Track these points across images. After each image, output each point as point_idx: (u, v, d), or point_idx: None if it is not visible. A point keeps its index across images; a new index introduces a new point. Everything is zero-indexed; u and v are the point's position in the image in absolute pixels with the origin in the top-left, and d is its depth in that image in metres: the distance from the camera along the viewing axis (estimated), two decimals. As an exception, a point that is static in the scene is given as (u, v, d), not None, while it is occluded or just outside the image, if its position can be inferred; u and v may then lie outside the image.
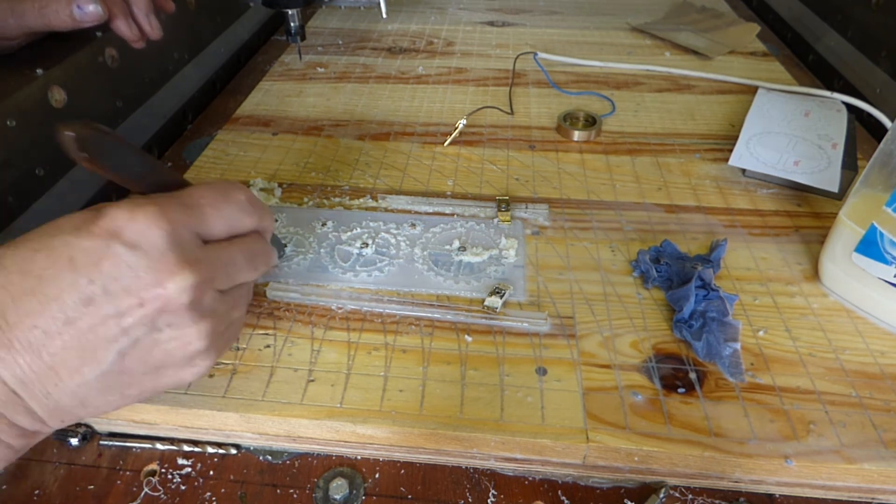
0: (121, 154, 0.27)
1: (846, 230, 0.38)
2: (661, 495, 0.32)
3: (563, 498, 0.32)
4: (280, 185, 0.50)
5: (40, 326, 0.25)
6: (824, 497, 0.32)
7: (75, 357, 0.25)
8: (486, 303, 0.38)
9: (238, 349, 0.36)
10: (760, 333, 0.37)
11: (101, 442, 0.34)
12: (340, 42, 0.78)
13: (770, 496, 0.32)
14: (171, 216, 0.27)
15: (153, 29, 0.48)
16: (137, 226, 0.26)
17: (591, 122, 0.58)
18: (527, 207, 0.47)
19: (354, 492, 0.32)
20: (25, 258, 0.25)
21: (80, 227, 0.26)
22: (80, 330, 0.25)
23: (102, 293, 0.25)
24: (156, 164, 0.30)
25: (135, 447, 0.34)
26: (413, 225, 0.45)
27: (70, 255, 0.25)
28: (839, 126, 0.53)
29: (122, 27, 0.45)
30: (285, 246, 0.43)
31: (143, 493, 0.32)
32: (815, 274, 0.42)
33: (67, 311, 0.25)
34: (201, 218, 0.28)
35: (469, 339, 0.37)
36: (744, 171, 0.51)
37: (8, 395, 0.25)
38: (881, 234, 0.36)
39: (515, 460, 0.32)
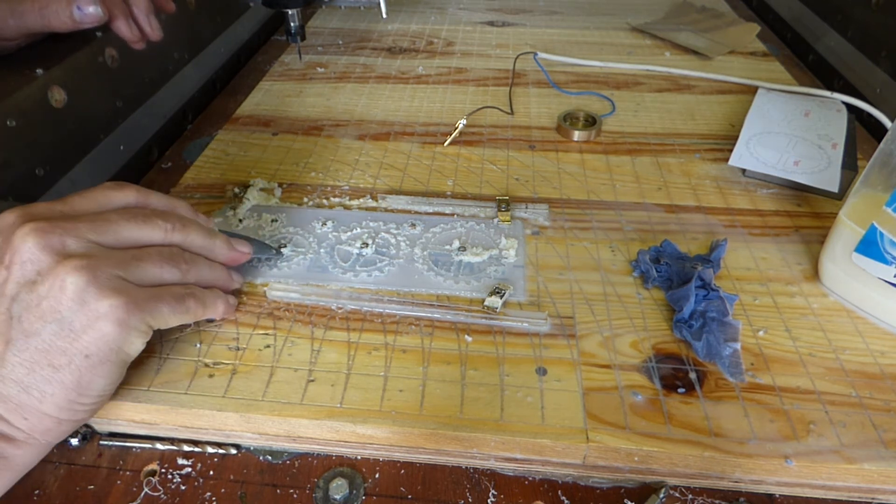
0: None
1: (846, 230, 0.38)
2: (661, 495, 0.32)
3: (563, 498, 0.32)
4: (280, 185, 0.50)
5: None
6: (824, 497, 0.32)
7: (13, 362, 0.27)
8: (486, 303, 0.38)
9: (238, 349, 0.36)
10: (760, 333, 0.37)
11: (101, 442, 0.34)
12: (340, 42, 0.78)
13: (770, 496, 0.32)
14: (29, 206, 0.30)
15: (153, 30, 0.48)
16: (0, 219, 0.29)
17: (591, 122, 0.58)
18: (527, 207, 0.47)
19: (354, 492, 0.32)
20: None
21: None
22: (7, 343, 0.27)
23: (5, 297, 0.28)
24: None
25: (135, 447, 0.34)
26: (413, 225, 0.45)
27: None
28: (839, 126, 0.53)
29: (123, 28, 0.45)
30: (283, 247, 0.43)
31: (143, 493, 0.32)
32: (815, 274, 0.42)
33: None
34: (62, 202, 0.31)
35: (469, 339, 0.37)
36: (744, 171, 0.51)
37: None
38: (881, 234, 0.36)
39: (515, 460, 0.32)
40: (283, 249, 0.42)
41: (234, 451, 0.34)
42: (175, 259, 0.32)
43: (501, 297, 0.38)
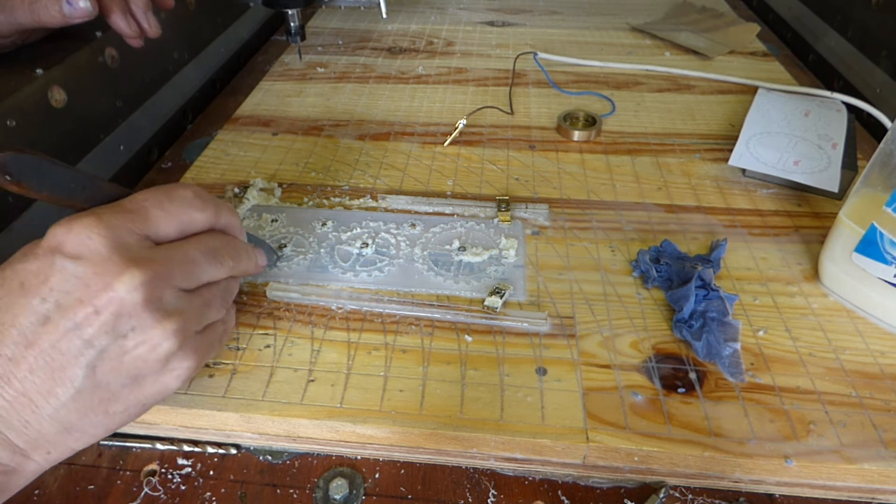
0: (50, 174, 0.27)
1: (846, 230, 0.38)
2: (661, 495, 0.32)
3: (563, 498, 0.32)
4: (280, 185, 0.50)
5: (3, 354, 0.25)
6: (824, 497, 0.32)
7: (45, 379, 0.25)
8: (486, 303, 0.38)
9: (238, 349, 0.36)
10: (760, 333, 0.37)
11: (102, 442, 0.34)
12: (340, 42, 0.78)
13: (770, 496, 0.32)
14: (110, 221, 0.26)
15: (151, 26, 0.48)
16: (76, 237, 0.26)
17: (591, 122, 0.58)
18: (527, 207, 0.47)
19: (354, 492, 0.32)
20: None
21: (25, 254, 0.26)
22: (42, 350, 0.25)
23: (56, 309, 0.25)
24: (92, 180, 0.29)
25: (135, 447, 0.34)
26: (413, 225, 0.45)
27: (20, 281, 0.25)
28: (839, 126, 0.53)
29: (120, 23, 0.45)
30: (283, 247, 0.43)
31: (143, 493, 0.32)
32: (815, 274, 0.42)
33: (27, 334, 0.25)
34: (145, 219, 0.28)
35: (469, 339, 0.37)
36: (744, 171, 0.51)
37: None
38: (881, 234, 0.36)
39: (515, 460, 0.32)
40: (283, 249, 0.42)
41: (234, 451, 0.34)
42: (226, 299, 0.32)
43: (501, 297, 0.38)
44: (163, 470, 0.33)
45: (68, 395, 0.26)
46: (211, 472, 0.33)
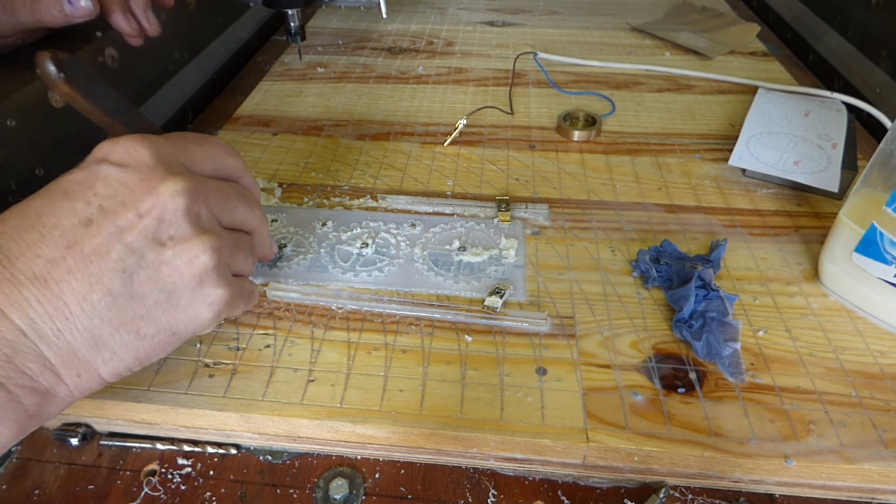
0: (98, 87, 0.28)
1: (846, 230, 0.38)
2: (661, 495, 0.32)
3: (563, 498, 0.32)
4: (280, 185, 0.50)
5: (43, 255, 0.25)
6: (824, 497, 0.32)
7: (82, 282, 0.25)
8: (486, 303, 0.38)
9: (238, 349, 0.36)
10: (760, 333, 0.37)
11: (101, 442, 0.34)
12: (340, 42, 0.78)
13: (770, 496, 0.32)
14: (155, 141, 0.28)
15: (151, 25, 0.48)
16: (122, 147, 0.27)
17: (591, 122, 0.58)
18: (527, 207, 0.47)
19: (354, 492, 0.32)
20: (21, 206, 0.26)
21: (70, 171, 0.27)
22: (83, 253, 0.25)
23: (100, 212, 0.25)
24: (132, 107, 0.30)
25: (135, 447, 0.34)
26: (413, 225, 0.45)
27: (64, 189, 0.26)
28: (839, 126, 0.53)
29: (121, 22, 0.45)
30: (284, 247, 0.43)
31: (143, 493, 0.32)
32: (815, 274, 0.42)
33: (68, 235, 0.25)
34: (185, 150, 0.29)
35: (469, 339, 0.37)
36: (744, 171, 0.51)
37: (16, 335, 0.24)
38: (881, 234, 0.36)
39: (515, 460, 0.32)
40: (283, 249, 0.42)
41: (234, 451, 0.34)
42: (253, 256, 0.32)
43: (501, 297, 0.38)
44: (163, 470, 0.33)
45: (103, 303, 0.25)
46: (211, 472, 0.33)
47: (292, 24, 0.64)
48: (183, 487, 0.32)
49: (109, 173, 0.26)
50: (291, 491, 0.32)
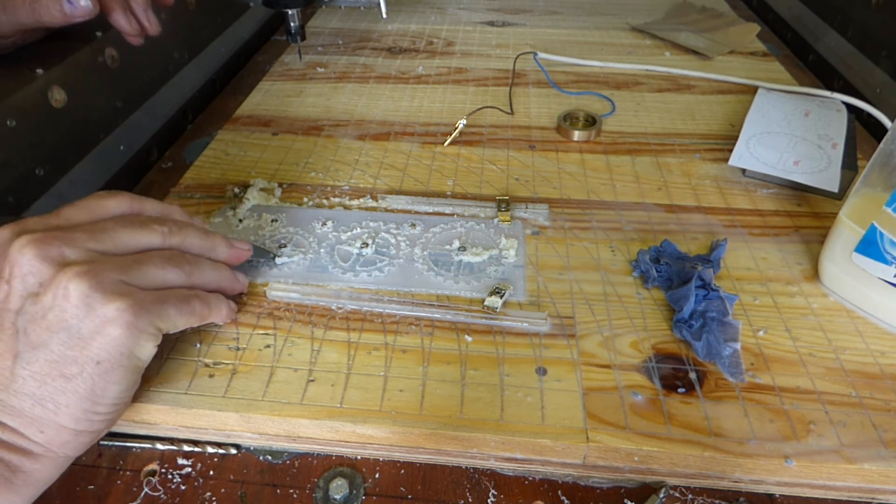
0: None
1: (846, 230, 0.38)
2: (661, 495, 0.32)
3: (563, 498, 0.32)
4: (280, 185, 0.50)
5: None
6: (824, 497, 0.32)
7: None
8: (486, 303, 0.38)
9: (238, 349, 0.36)
10: (760, 333, 0.37)
11: (101, 442, 0.34)
12: (340, 42, 0.78)
13: (770, 496, 0.32)
14: (19, 221, 0.29)
15: (151, 24, 0.48)
16: None
17: (591, 122, 0.58)
18: (527, 207, 0.47)
19: (354, 492, 0.32)
20: None
21: None
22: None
23: None
24: None
25: (135, 447, 0.34)
26: (413, 225, 0.45)
27: None
28: (839, 126, 0.53)
29: (121, 21, 0.45)
30: (284, 247, 0.43)
31: (143, 493, 0.32)
32: (815, 274, 0.42)
33: None
34: (56, 215, 0.30)
35: (469, 339, 0.37)
36: (744, 171, 0.51)
37: None
38: (881, 234, 0.36)
39: (515, 460, 0.32)
40: (283, 249, 0.42)
41: (234, 451, 0.34)
42: (177, 260, 0.32)
43: (501, 297, 0.38)
44: (163, 470, 0.33)
45: (17, 365, 0.27)
46: (211, 472, 0.33)
47: (292, 24, 0.64)
48: (183, 487, 0.32)
49: None
50: (291, 491, 0.32)
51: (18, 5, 0.42)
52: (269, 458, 0.33)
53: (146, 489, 0.32)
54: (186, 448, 0.34)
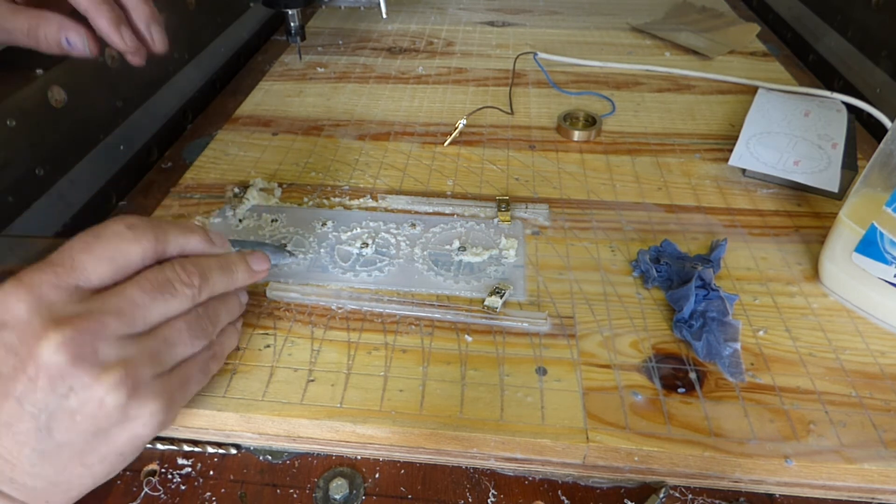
0: None
1: (846, 230, 0.38)
2: (661, 495, 0.32)
3: (563, 498, 0.32)
4: (280, 185, 0.50)
5: None
6: (824, 497, 0.32)
7: (11, 443, 0.25)
8: (486, 303, 0.38)
9: (238, 349, 0.36)
10: (760, 333, 0.37)
11: (101, 442, 0.34)
12: (340, 42, 0.78)
13: (770, 496, 0.32)
14: (31, 281, 0.26)
15: (157, 42, 0.43)
16: (1, 305, 0.25)
17: (591, 122, 0.58)
18: (527, 207, 0.47)
19: (354, 492, 0.32)
20: None
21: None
22: (0, 420, 0.25)
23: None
24: (19, 241, 0.28)
25: (135, 447, 0.34)
26: (413, 225, 0.45)
27: None
28: (839, 126, 0.53)
29: (113, 37, 0.41)
30: (283, 247, 0.43)
31: (143, 493, 0.32)
32: (815, 274, 0.42)
33: None
34: (72, 268, 0.27)
35: (469, 339, 0.37)
36: (744, 171, 0.51)
37: None
38: (881, 234, 0.36)
39: (515, 460, 0.32)
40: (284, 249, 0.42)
41: (234, 451, 0.34)
42: (203, 328, 0.31)
43: (501, 297, 0.38)
44: (163, 470, 0.33)
45: (35, 457, 0.25)
46: (211, 472, 0.33)
47: (292, 24, 0.64)
48: (183, 487, 0.32)
49: None
50: (291, 491, 0.32)
51: (17, 28, 0.40)
52: (269, 458, 0.33)
53: (146, 489, 0.32)
54: (186, 448, 0.34)
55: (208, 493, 0.32)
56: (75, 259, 0.27)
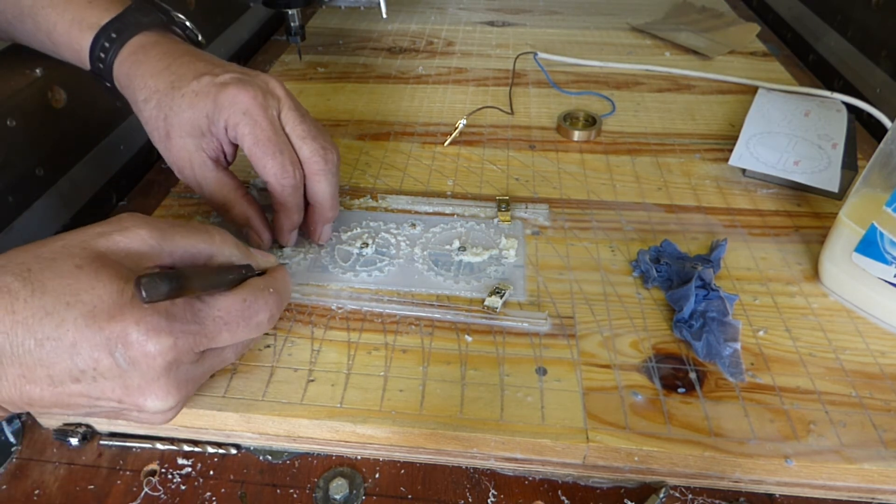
0: (175, 280, 0.26)
1: (846, 230, 0.38)
2: (661, 495, 0.32)
3: (563, 498, 0.32)
4: (280, 185, 0.50)
5: (27, 377, 0.26)
6: (824, 497, 0.32)
7: (48, 400, 0.26)
8: (486, 303, 0.38)
9: (238, 349, 0.36)
10: (760, 333, 0.37)
11: (101, 442, 0.34)
12: (340, 42, 0.78)
13: (770, 496, 0.32)
14: (177, 341, 0.27)
15: (322, 238, 0.42)
16: (145, 348, 0.26)
17: (591, 122, 0.58)
18: (527, 207, 0.47)
19: (354, 492, 0.32)
20: (36, 315, 0.25)
21: (95, 314, 0.26)
22: (58, 393, 0.26)
23: (92, 379, 0.26)
24: (207, 272, 0.30)
25: (135, 447, 0.34)
26: (413, 225, 0.45)
27: (74, 340, 0.26)
28: (839, 126, 0.53)
29: (283, 239, 0.41)
30: (283, 247, 0.43)
31: (143, 493, 0.32)
32: (815, 274, 0.42)
33: (54, 378, 0.26)
34: (211, 339, 0.29)
35: (469, 339, 0.37)
36: (744, 171, 0.51)
37: None
38: (881, 234, 0.36)
39: (515, 460, 0.32)
40: (283, 249, 0.42)
41: (234, 451, 0.34)
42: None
43: (501, 297, 0.38)
44: (163, 470, 0.33)
45: (55, 408, 0.28)
46: (211, 472, 0.33)
47: (292, 24, 0.64)
48: (183, 487, 0.32)
49: (118, 363, 0.26)
50: (291, 491, 0.32)
51: (207, 199, 0.41)
52: (269, 458, 0.33)
53: (146, 489, 0.32)
54: (186, 448, 0.34)
55: (208, 493, 0.32)
56: (220, 335, 0.29)
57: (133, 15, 0.40)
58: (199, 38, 0.43)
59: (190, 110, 0.37)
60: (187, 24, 0.42)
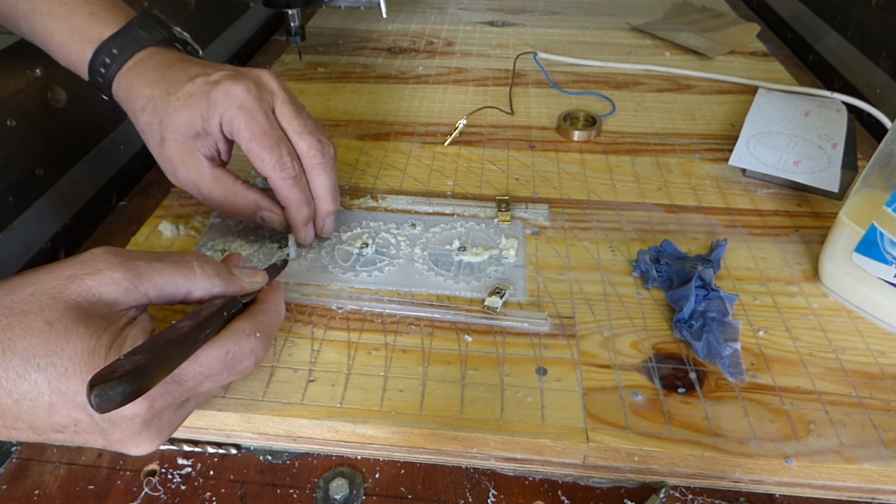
0: (151, 362, 0.24)
1: (846, 230, 0.38)
2: (661, 495, 0.32)
3: (563, 498, 0.32)
4: (280, 185, 0.50)
5: (9, 426, 0.26)
6: (824, 497, 0.32)
7: (35, 440, 0.27)
8: (486, 303, 0.38)
9: (238, 349, 0.36)
10: (760, 333, 0.37)
11: (101, 442, 0.34)
12: (340, 42, 0.78)
13: (770, 496, 0.32)
14: (158, 406, 0.26)
15: (325, 230, 0.43)
16: (122, 412, 0.25)
17: (591, 122, 0.58)
18: (527, 207, 0.47)
19: (354, 492, 0.32)
20: (9, 377, 0.25)
21: (67, 376, 0.25)
22: (43, 438, 0.27)
23: (73, 433, 0.26)
24: (183, 348, 0.27)
25: (135, 447, 0.34)
26: (413, 225, 0.45)
27: (51, 402, 0.25)
28: (839, 126, 0.53)
29: (299, 235, 0.41)
30: (283, 248, 0.43)
31: (143, 493, 0.32)
32: (815, 274, 0.42)
33: (37, 429, 0.26)
34: (189, 391, 0.28)
35: (469, 339, 0.37)
36: (744, 171, 0.51)
37: None
38: (881, 234, 0.36)
39: (515, 460, 0.32)
40: (283, 250, 0.42)
41: (234, 451, 0.34)
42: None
43: (501, 297, 0.38)
44: (163, 470, 0.33)
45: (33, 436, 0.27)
46: (211, 472, 0.33)
47: (292, 24, 0.64)
48: (183, 487, 0.32)
49: (97, 423, 0.26)
50: (291, 491, 0.32)
51: (213, 198, 0.40)
52: (269, 458, 0.33)
53: (146, 489, 0.32)
54: (186, 448, 0.34)
55: (208, 493, 0.32)
56: (202, 386, 0.28)
57: (135, 30, 0.40)
58: (200, 53, 0.43)
59: (185, 111, 0.37)
60: (189, 40, 0.42)
